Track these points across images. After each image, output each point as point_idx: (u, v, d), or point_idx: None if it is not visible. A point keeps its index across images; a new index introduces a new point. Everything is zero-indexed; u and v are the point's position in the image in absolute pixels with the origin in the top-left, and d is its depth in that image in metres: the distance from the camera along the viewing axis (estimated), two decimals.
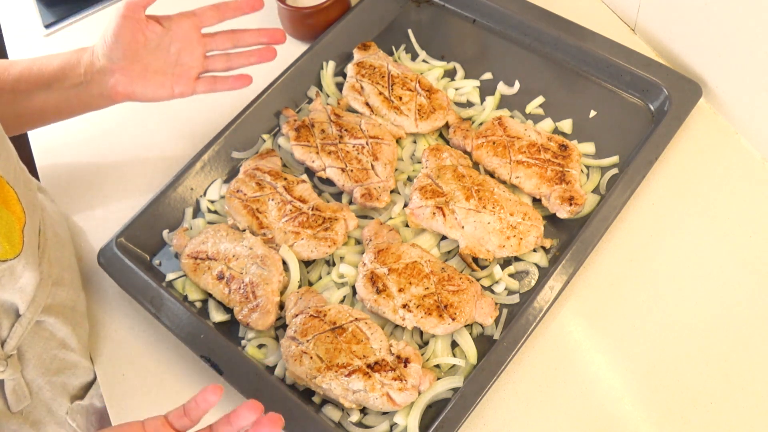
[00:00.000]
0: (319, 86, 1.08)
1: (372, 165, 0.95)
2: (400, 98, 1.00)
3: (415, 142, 1.01)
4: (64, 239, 0.93)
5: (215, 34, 0.93)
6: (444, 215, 0.88)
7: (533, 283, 0.87)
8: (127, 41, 0.85)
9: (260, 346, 0.87)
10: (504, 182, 0.93)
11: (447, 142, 1.00)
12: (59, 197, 1.04)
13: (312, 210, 0.92)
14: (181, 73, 0.91)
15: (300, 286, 0.90)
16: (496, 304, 0.85)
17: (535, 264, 0.88)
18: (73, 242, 0.99)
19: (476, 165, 0.96)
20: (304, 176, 0.99)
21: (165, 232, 0.97)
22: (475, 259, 0.89)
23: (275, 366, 0.86)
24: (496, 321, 0.85)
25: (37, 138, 1.12)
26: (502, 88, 1.03)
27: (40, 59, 0.89)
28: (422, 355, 0.83)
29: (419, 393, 0.80)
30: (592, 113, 1.00)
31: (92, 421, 0.92)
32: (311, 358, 0.80)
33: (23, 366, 0.81)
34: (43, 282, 0.79)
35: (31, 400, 0.82)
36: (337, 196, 0.98)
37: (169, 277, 0.93)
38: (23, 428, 0.82)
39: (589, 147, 0.96)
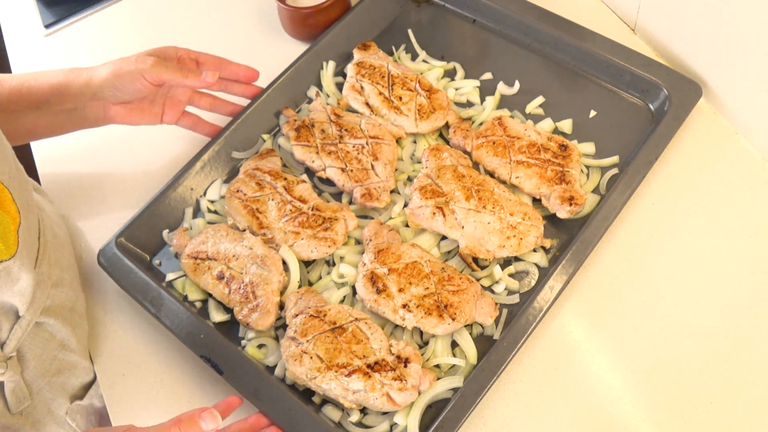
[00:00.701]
0: (319, 86, 1.08)
1: (372, 165, 0.95)
2: (400, 98, 1.00)
3: (415, 142, 1.01)
4: (63, 240, 0.93)
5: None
6: (444, 215, 0.88)
7: (533, 283, 0.87)
8: (137, 91, 0.91)
9: (260, 346, 0.87)
10: (504, 182, 0.93)
11: (447, 142, 1.00)
12: (59, 198, 1.04)
13: (312, 210, 0.92)
14: (171, 105, 0.99)
15: (300, 286, 0.90)
16: (496, 304, 0.85)
17: (535, 264, 0.88)
18: (73, 243, 0.99)
19: (476, 165, 0.96)
20: (304, 176, 0.99)
21: (165, 232, 0.97)
22: (475, 259, 0.89)
23: (275, 366, 0.86)
24: (496, 321, 0.85)
25: None
26: (502, 88, 1.03)
27: (29, 81, 0.91)
28: (422, 355, 0.83)
29: (419, 393, 0.80)
30: (592, 113, 1.00)
31: (92, 421, 0.92)
32: (311, 358, 0.80)
33: (23, 367, 0.81)
34: (42, 283, 0.79)
35: (31, 400, 0.82)
36: (337, 196, 0.98)
37: (169, 277, 0.93)
38: (23, 428, 0.83)
39: (589, 147, 0.96)
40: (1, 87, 0.90)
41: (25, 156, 0.96)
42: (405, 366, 0.79)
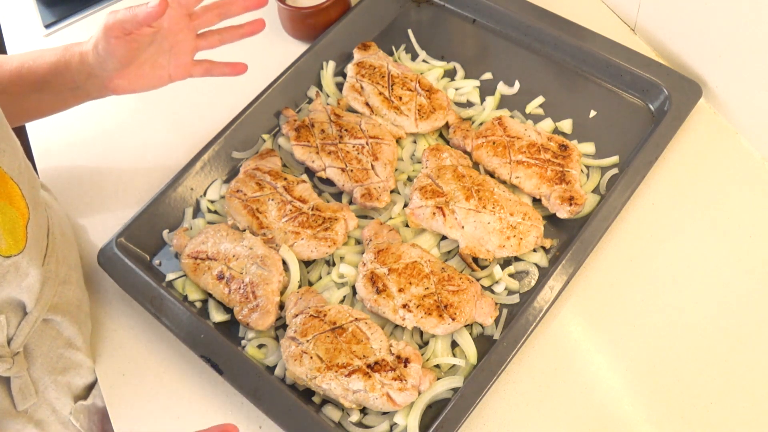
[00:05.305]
0: (319, 86, 1.08)
1: (372, 165, 0.95)
2: (400, 98, 1.00)
3: (415, 142, 1.01)
4: (70, 238, 0.94)
5: (202, 11, 0.91)
6: (444, 215, 0.88)
7: (533, 283, 0.87)
8: (121, 54, 0.85)
9: (260, 346, 0.87)
10: (504, 182, 0.93)
11: (447, 142, 1.00)
12: (59, 197, 1.04)
13: (312, 210, 0.92)
14: (177, 62, 0.91)
15: (300, 286, 0.90)
16: (496, 304, 0.85)
17: (535, 264, 0.88)
18: None
19: (476, 165, 0.96)
20: (304, 176, 0.99)
21: (165, 232, 0.97)
22: (475, 259, 0.89)
23: (275, 366, 0.86)
24: (496, 321, 0.85)
25: (36, 138, 1.12)
26: (502, 88, 1.03)
27: (28, 62, 0.88)
28: (422, 355, 0.83)
29: (419, 393, 0.80)
30: (592, 113, 1.00)
31: (95, 421, 0.92)
32: (311, 358, 0.80)
33: (30, 364, 0.81)
34: (50, 281, 0.79)
35: (37, 398, 0.82)
36: (337, 196, 0.98)
37: (169, 277, 0.93)
38: (27, 427, 0.83)
39: (589, 147, 0.96)
40: (2, 69, 0.89)
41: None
42: (405, 366, 0.79)
